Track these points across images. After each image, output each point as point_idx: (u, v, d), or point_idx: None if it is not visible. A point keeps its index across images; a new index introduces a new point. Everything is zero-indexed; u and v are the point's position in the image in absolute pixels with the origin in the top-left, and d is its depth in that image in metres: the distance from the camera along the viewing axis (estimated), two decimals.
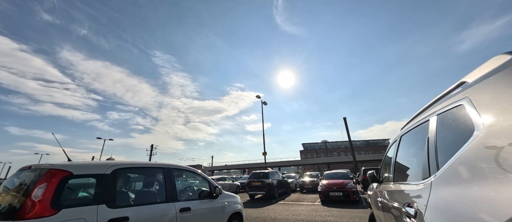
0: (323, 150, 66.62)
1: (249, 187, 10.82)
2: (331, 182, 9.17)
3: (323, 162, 41.55)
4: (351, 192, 8.19)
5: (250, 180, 11.01)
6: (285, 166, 48.34)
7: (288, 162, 43.20)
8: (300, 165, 54.70)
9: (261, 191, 10.40)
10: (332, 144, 74.67)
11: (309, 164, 48.73)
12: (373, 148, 68.16)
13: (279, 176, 12.43)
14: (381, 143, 72.04)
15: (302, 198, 10.70)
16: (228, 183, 14.20)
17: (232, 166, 47.19)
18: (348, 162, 36.08)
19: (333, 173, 10.51)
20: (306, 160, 45.74)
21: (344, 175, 9.99)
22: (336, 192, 8.43)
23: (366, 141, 73.96)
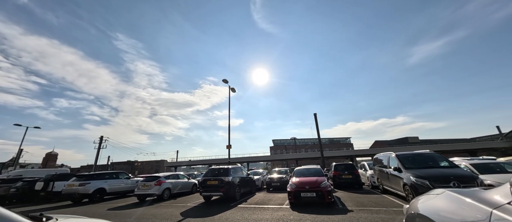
0: (292, 147, 67.96)
1: (203, 186, 8.58)
2: (302, 180, 7.61)
3: (291, 158, 41.61)
4: (326, 192, 6.72)
5: (205, 178, 8.76)
6: (254, 162, 47.20)
7: (257, 158, 42.02)
8: (269, 161, 54.40)
9: (218, 191, 8.27)
10: (300, 141, 77.11)
11: (278, 160, 48.56)
12: (337, 145, 73.01)
13: (243, 173, 10.48)
14: (343, 141, 77.67)
15: (268, 198, 8.98)
16: (181, 181, 11.63)
17: (196, 161, 43.69)
18: (315, 158, 36.69)
19: (305, 169, 9.04)
20: (275, 155, 45.31)
21: (317, 171, 8.58)
22: (309, 193, 6.87)
23: (331, 138, 78.82)
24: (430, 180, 5.73)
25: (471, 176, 5.46)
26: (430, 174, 5.89)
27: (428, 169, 6.27)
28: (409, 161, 7.10)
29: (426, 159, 7.08)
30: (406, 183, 6.38)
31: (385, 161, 8.60)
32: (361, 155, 40.40)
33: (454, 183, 5.40)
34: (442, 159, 6.87)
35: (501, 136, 40.75)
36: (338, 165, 12.20)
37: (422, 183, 5.85)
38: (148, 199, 10.48)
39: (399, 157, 7.39)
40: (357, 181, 11.20)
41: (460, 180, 5.41)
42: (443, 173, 5.76)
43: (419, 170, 6.34)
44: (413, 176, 6.14)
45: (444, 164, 6.60)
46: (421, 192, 5.86)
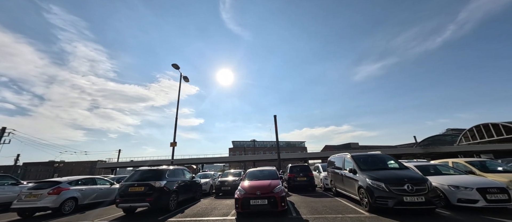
0: (251, 148, 67.72)
1: (122, 195, 6.30)
2: (254, 184, 6.37)
3: (249, 160, 40.81)
4: (279, 199, 5.64)
5: (126, 183, 6.49)
6: (210, 163, 44.34)
7: (213, 159, 39.42)
8: (226, 162, 52.31)
9: (143, 201, 6.16)
10: (260, 143, 78.03)
11: (235, 161, 47.04)
12: (293, 149, 77.09)
13: (185, 176, 8.55)
14: (299, 145, 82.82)
15: (213, 207, 7.38)
16: (99, 187, 8.72)
17: (138, 162, 37.71)
18: (273, 160, 36.93)
19: (258, 171, 7.87)
20: (232, 157, 43.67)
21: (271, 173, 7.52)
22: (260, 200, 5.65)
23: (288, 142, 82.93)
24: (386, 183, 5.33)
25: (422, 178, 5.30)
26: (385, 176, 5.53)
27: (383, 171, 5.98)
28: (364, 162, 6.79)
29: (379, 160, 6.91)
30: (362, 185, 5.92)
31: (339, 163, 8.27)
32: (313, 157, 43.07)
33: (408, 186, 5.11)
34: (392, 160, 6.81)
35: (416, 144, 50.68)
36: (293, 166, 11.63)
37: (378, 185, 5.42)
38: (39, 214, 7.32)
39: (354, 158, 7.03)
40: (311, 184, 10.81)
41: (414, 182, 5.16)
42: (398, 175, 5.48)
43: (375, 171, 5.98)
44: (369, 178, 5.70)
45: (395, 166, 6.50)
46: (377, 195, 5.43)
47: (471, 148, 37.64)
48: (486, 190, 5.13)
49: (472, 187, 5.28)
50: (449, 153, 38.38)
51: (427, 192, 4.99)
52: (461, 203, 5.32)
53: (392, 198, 5.10)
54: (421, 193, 5.00)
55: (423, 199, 4.93)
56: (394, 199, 5.07)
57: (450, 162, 8.09)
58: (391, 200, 5.10)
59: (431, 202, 4.92)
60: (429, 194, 4.97)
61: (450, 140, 57.20)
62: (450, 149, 39.74)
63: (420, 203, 4.92)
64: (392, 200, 5.08)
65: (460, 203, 5.35)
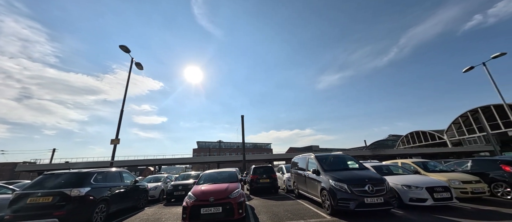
0: (216, 149, 65.37)
1: (18, 210, 4.47)
2: (208, 188, 5.39)
3: (213, 161, 38.90)
4: (236, 205, 4.82)
5: (25, 192, 4.67)
6: (170, 164, 40.54)
7: (174, 160, 36.07)
8: (189, 164, 48.89)
9: (50, 216, 4.47)
10: (226, 144, 76.16)
11: (198, 163, 44.28)
12: (259, 150, 77.82)
13: (122, 180, 6.93)
14: (265, 146, 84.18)
15: (157, 217, 6.06)
16: None
17: (75, 163, 31.48)
18: (238, 161, 36.02)
19: (216, 173, 6.91)
20: (195, 158, 40.94)
21: (231, 175, 6.64)
22: (213, 207, 4.72)
23: (254, 143, 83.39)
24: (348, 184, 5.11)
25: (381, 178, 5.27)
26: (348, 177, 5.33)
27: (345, 172, 5.81)
28: (328, 163, 6.58)
29: (341, 161, 6.82)
30: (324, 187, 5.61)
31: (302, 164, 7.99)
32: (279, 158, 43.99)
33: (369, 186, 4.97)
34: (353, 160, 6.80)
35: (366, 147, 57.35)
36: (257, 168, 11.01)
37: (341, 187, 5.17)
38: None
39: (318, 158, 6.77)
40: (274, 186, 10.37)
41: (373, 183, 5.06)
42: (359, 176, 5.34)
43: (337, 172, 5.76)
44: (332, 179, 5.43)
45: (355, 166, 6.48)
46: (340, 197, 5.16)
47: (406, 151, 44.38)
48: (433, 189, 5.41)
49: (422, 187, 5.52)
50: (391, 155, 44.48)
51: (386, 193, 4.94)
52: (412, 202, 5.50)
53: (354, 199, 4.88)
54: (381, 193, 4.92)
55: (382, 200, 4.84)
56: (355, 200, 4.86)
57: (399, 163, 8.71)
58: (353, 202, 4.87)
59: (388, 203, 4.87)
60: (387, 195, 4.92)
61: (391, 144, 66.78)
62: (392, 151, 46.10)
63: (379, 204, 4.82)
64: (354, 202, 4.86)
65: (411, 202, 5.52)
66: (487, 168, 7.10)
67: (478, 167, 7.43)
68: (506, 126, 32.31)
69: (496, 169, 6.78)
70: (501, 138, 34.43)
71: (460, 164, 8.54)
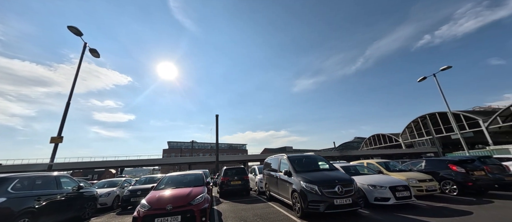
0: (189, 150, 62.31)
1: None
2: (166, 194, 4.69)
3: (184, 162, 36.77)
4: (198, 213, 4.24)
5: None
6: (137, 166, 37.02)
7: (141, 161, 32.92)
8: (155, 165, 45.39)
9: None
10: (200, 145, 73.34)
11: (168, 164, 41.36)
12: (234, 151, 76.90)
13: (60, 186, 5.70)
14: (240, 147, 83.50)
15: None
16: None
17: (11, 166, 26.24)
18: (211, 162, 34.67)
19: (180, 175, 6.18)
20: (165, 159, 38.08)
21: (197, 178, 5.99)
22: (170, 217, 4.06)
23: (230, 144, 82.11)
24: (319, 185, 4.97)
25: (350, 179, 5.28)
26: (318, 179, 5.20)
27: (316, 173, 5.70)
28: (300, 164, 6.44)
29: (313, 161, 6.75)
30: (295, 189, 5.40)
31: (275, 165, 7.75)
32: (253, 159, 43.84)
33: (339, 187, 4.91)
34: (324, 160, 6.79)
35: (335, 148, 61.22)
36: (228, 169, 10.47)
37: (311, 188, 5.00)
38: None
39: (290, 159, 6.59)
40: (246, 188, 9.95)
41: (343, 183, 5.02)
42: (330, 177, 5.26)
43: (309, 173, 5.62)
44: (304, 181, 5.25)
45: (326, 166, 6.46)
46: (310, 200, 4.99)
47: (369, 152, 48.64)
48: (396, 188, 5.65)
49: (386, 186, 5.72)
50: (356, 155, 48.21)
51: (354, 193, 4.94)
52: (377, 201, 5.66)
53: (324, 201, 4.76)
54: (349, 194, 4.89)
55: (350, 201, 4.81)
56: (325, 202, 4.74)
57: (365, 163, 9.13)
58: (323, 204, 4.74)
59: (356, 203, 4.87)
60: (355, 195, 4.92)
61: (356, 146, 72.63)
62: (357, 152, 50.00)
63: (347, 205, 4.78)
64: (324, 204, 4.73)
65: (376, 201, 5.68)
66: (437, 168, 7.84)
67: (430, 167, 8.18)
68: (447, 130, 37.76)
69: (445, 168, 7.53)
70: (444, 141, 40.14)
71: (415, 164, 9.34)
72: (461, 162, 7.31)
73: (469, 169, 7.03)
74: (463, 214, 4.64)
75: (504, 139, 31.63)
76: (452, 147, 41.29)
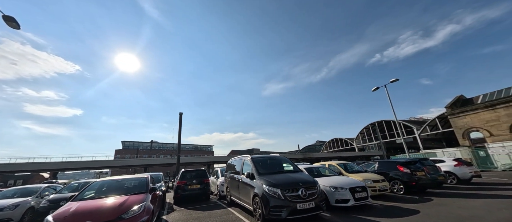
0: (147, 151, 56.47)
1: None
2: (86, 206, 3.56)
3: (138, 164, 32.79)
4: None
5: None
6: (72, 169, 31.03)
7: (79, 163, 27.67)
8: (102, 168, 39.23)
9: None
10: (161, 145, 67.42)
11: (121, 167, 36.21)
12: (200, 152, 73.23)
13: None
14: (206, 149, 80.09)
15: None
16: None
17: None
18: (171, 164, 31.75)
19: (115, 181, 4.97)
20: (114, 160, 33.12)
21: (140, 184, 4.89)
22: None
23: (195, 145, 77.92)
24: (282, 188, 4.58)
25: (314, 181, 5.07)
26: (282, 181, 4.82)
27: (280, 175, 5.32)
28: (264, 165, 5.99)
29: (277, 163, 6.39)
30: (257, 193, 4.90)
31: (238, 166, 7.14)
32: (219, 161, 42.21)
33: (302, 191, 4.61)
34: (288, 162, 6.52)
35: (299, 150, 64.44)
36: (186, 172, 9.36)
37: (274, 192, 4.57)
38: None
39: (254, 160, 6.09)
40: (205, 192, 9.03)
41: (307, 186, 4.75)
42: (294, 180, 4.94)
43: (272, 176, 5.20)
44: (266, 184, 4.79)
45: (290, 168, 6.18)
46: (273, 205, 4.54)
47: (329, 155, 52.64)
48: (355, 189, 5.71)
49: (346, 187, 5.73)
50: (317, 158, 51.56)
51: (317, 197, 4.72)
52: (338, 203, 5.61)
53: (287, 206, 4.37)
54: (312, 197, 4.64)
55: (313, 204, 4.56)
56: (288, 208, 4.36)
57: (326, 164, 9.33)
58: (285, 209, 4.35)
59: (319, 207, 4.65)
60: (318, 199, 4.70)
61: (318, 149, 77.99)
62: (318, 155, 53.53)
63: (310, 209, 4.51)
64: (286, 210, 4.34)
65: (337, 203, 5.63)
66: (388, 169, 8.51)
67: (382, 168, 8.84)
68: (391, 136, 43.78)
69: (394, 169, 8.20)
70: (388, 145, 46.36)
71: (368, 166, 10.04)
72: (407, 164, 8.06)
73: (413, 170, 7.78)
74: (412, 213, 4.90)
75: (431, 145, 38.38)
76: (393, 151, 47.98)
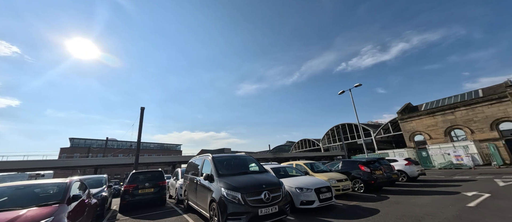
0: (101, 149, 49.82)
1: None
2: None
3: (88, 165, 28.40)
4: None
5: None
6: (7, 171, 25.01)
7: (12, 163, 22.32)
8: (49, 169, 32.91)
9: None
10: (119, 143, 60.44)
11: (61, 168, 30.69)
12: (167, 152, 68.23)
13: None
14: (174, 148, 75.13)
15: None
16: None
17: None
18: (128, 165, 28.33)
19: (18, 188, 3.66)
20: (58, 161, 27.87)
21: (59, 190, 3.70)
22: None
23: (162, 144, 72.39)
24: (243, 192, 4.00)
25: (278, 183, 4.64)
26: (244, 184, 4.24)
27: (242, 176, 4.74)
28: (226, 165, 5.34)
29: (242, 163, 5.81)
30: (214, 198, 4.23)
31: (199, 167, 6.33)
32: (186, 161, 39.67)
33: (266, 194, 4.11)
34: (254, 162, 6.00)
35: (269, 150, 65.58)
36: (137, 173, 8.05)
37: (233, 197, 3.97)
38: None
39: (215, 160, 5.38)
40: (160, 197, 7.89)
41: (270, 189, 4.27)
42: (257, 181, 4.41)
43: (233, 177, 4.58)
44: (226, 187, 4.15)
45: (255, 169, 5.67)
46: (231, 211, 3.91)
47: (298, 155, 54.77)
48: (320, 190, 5.51)
49: (311, 188, 5.49)
50: (287, 158, 53.16)
51: (281, 200, 4.28)
52: (303, 205, 5.32)
53: (247, 213, 3.82)
54: (276, 201, 4.19)
55: (276, 209, 4.10)
56: (248, 214, 3.81)
57: (294, 164, 9.17)
58: (245, 216, 3.79)
59: (283, 211, 4.22)
60: (282, 202, 4.27)
61: (288, 149, 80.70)
62: (288, 155, 55.21)
63: (273, 215, 4.04)
64: (246, 217, 3.78)
65: (302, 205, 5.33)
66: (350, 168, 8.76)
67: (345, 167, 9.08)
68: (352, 138, 47.90)
69: (356, 168, 8.47)
70: (349, 146, 50.59)
71: (333, 165, 10.29)
72: (367, 163, 8.40)
73: (372, 168, 8.14)
74: (373, 213, 4.88)
75: (384, 146, 43.21)
76: (354, 151, 52.61)
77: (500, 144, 19.21)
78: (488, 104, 20.78)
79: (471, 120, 21.76)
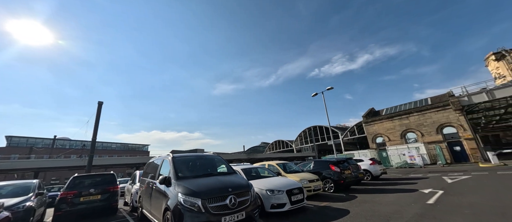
0: (47, 150, 42.84)
1: None
2: None
3: (27, 168, 23.84)
4: None
5: None
6: None
7: None
8: None
9: None
10: (72, 143, 52.92)
11: None
12: (132, 153, 62.18)
13: None
14: (140, 148, 68.99)
15: None
16: None
17: None
18: (80, 167, 24.55)
19: None
20: None
21: None
22: None
23: (126, 144, 65.85)
24: (204, 198, 3.39)
25: (247, 185, 4.14)
26: (206, 188, 3.63)
27: (205, 179, 4.11)
28: (191, 167, 4.66)
29: (208, 164, 5.17)
30: (169, 206, 3.53)
31: (158, 168, 5.45)
32: None
33: (232, 198, 3.57)
34: (223, 162, 5.40)
35: (244, 151, 65.06)
36: (79, 178, 6.68)
37: (192, 204, 3.34)
38: None
39: (176, 160, 4.63)
40: (110, 205, 6.67)
41: (237, 192, 3.75)
42: (223, 184, 3.84)
43: (194, 181, 3.93)
44: (184, 192, 3.49)
45: (224, 170, 5.08)
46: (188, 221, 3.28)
47: (272, 155, 55.43)
48: (292, 192, 5.19)
49: (283, 190, 5.14)
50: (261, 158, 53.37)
51: (249, 205, 3.79)
52: (273, 208, 4.93)
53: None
54: (243, 206, 3.68)
55: (243, 216, 3.60)
56: None
57: (266, 165, 8.82)
58: None
59: (251, 218, 3.73)
60: (250, 207, 3.78)
61: (262, 150, 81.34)
62: (262, 155, 55.43)
63: None
64: None
65: (272, 209, 4.94)
66: (322, 168, 8.79)
67: (317, 167, 9.09)
68: (322, 139, 50.53)
69: (327, 168, 8.52)
70: (320, 147, 53.27)
71: (305, 165, 10.28)
72: (337, 163, 8.52)
73: (342, 168, 8.27)
74: (344, 214, 4.76)
75: (349, 147, 46.61)
76: (324, 152, 55.59)
77: (443, 146, 22.16)
78: (435, 111, 23.85)
79: (422, 124, 24.69)
